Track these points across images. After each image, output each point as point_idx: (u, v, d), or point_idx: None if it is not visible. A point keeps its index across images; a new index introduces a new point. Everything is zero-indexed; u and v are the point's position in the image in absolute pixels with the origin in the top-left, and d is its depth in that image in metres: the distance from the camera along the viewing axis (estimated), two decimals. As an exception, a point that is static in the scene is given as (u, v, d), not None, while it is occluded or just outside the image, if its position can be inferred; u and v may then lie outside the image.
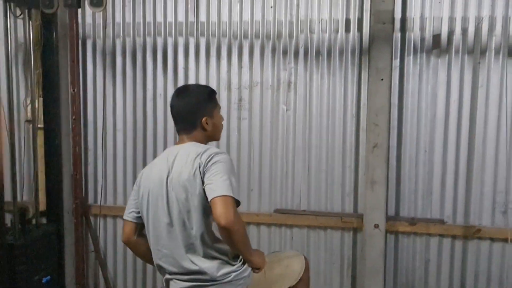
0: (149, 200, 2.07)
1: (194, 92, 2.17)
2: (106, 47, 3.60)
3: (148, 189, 2.08)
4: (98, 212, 3.61)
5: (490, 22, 3.11)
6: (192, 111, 2.09)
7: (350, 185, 3.38)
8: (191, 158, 1.97)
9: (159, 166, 2.09)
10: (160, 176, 2.04)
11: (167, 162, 2.05)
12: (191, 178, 1.95)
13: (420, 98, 3.24)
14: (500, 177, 3.16)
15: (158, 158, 2.18)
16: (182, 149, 2.06)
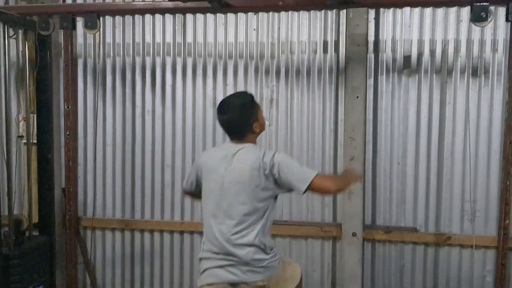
0: (205, 185, 2.33)
1: (238, 106, 2.32)
2: (96, 66, 3.78)
3: (206, 176, 2.33)
4: (87, 224, 3.76)
5: (455, 45, 3.39)
6: (241, 124, 2.30)
7: (329, 196, 3.58)
8: (250, 159, 2.21)
9: (217, 157, 2.32)
10: (218, 168, 2.27)
11: (226, 158, 2.27)
12: (248, 178, 2.19)
13: (393, 114, 3.49)
14: (467, 187, 3.40)
15: (216, 151, 2.52)
16: (241, 149, 2.28)
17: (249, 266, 2.22)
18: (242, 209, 2.21)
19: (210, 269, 2.28)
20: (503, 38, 3.29)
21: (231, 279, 2.22)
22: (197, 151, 3.71)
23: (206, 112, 3.69)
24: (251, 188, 2.21)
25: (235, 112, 2.31)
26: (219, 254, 2.24)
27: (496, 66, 3.32)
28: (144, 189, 3.80)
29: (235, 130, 2.33)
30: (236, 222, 2.22)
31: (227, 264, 2.23)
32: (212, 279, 2.25)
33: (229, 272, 2.22)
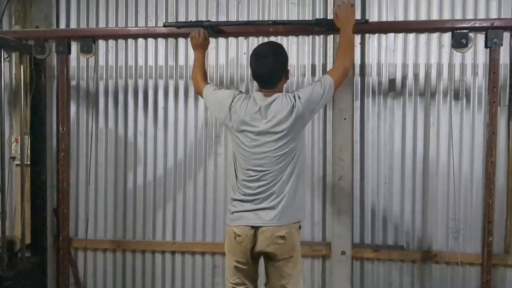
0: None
1: (278, 52, 2.48)
2: (89, 88, 3.85)
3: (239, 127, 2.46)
4: (78, 245, 3.78)
5: (438, 69, 3.54)
6: (279, 70, 2.46)
7: (319, 215, 3.68)
8: (285, 111, 2.39)
9: (251, 111, 2.42)
10: (252, 122, 2.42)
11: (260, 112, 2.41)
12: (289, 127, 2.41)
13: (379, 135, 3.61)
14: (452, 205, 3.52)
15: (246, 102, 2.46)
16: (274, 101, 2.42)
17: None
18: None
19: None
20: (483, 62, 3.45)
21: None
22: (188, 172, 3.78)
23: (198, 133, 3.76)
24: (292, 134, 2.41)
25: (276, 57, 2.45)
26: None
27: (477, 89, 3.48)
28: (136, 209, 3.84)
29: (273, 76, 2.46)
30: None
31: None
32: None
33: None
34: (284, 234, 2.42)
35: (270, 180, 2.42)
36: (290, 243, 2.45)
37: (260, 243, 2.44)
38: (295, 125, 2.41)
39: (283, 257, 2.46)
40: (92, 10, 3.85)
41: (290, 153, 2.44)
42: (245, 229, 2.44)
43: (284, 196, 2.43)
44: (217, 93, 2.59)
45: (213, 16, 3.72)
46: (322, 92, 2.45)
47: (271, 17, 3.67)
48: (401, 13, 3.56)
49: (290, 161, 2.44)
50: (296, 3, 3.66)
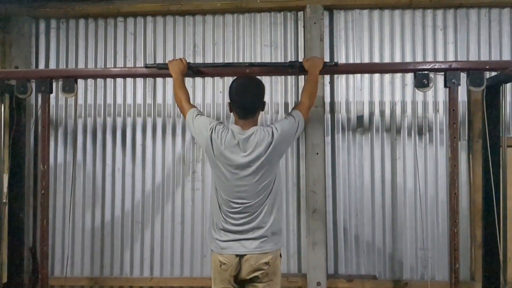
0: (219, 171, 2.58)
1: (260, 86, 2.62)
2: (68, 127, 3.91)
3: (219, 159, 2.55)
4: (54, 283, 3.74)
5: (402, 106, 3.77)
6: (259, 102, 2.61)
7: (294, 247, 3.78)
8: (265, 143, 2.52)
9: (230, 144, 2.51)
10: (231, 156, 2.52)
11: (239, 145, 2.51)
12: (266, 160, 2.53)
13: (349, 169, 3.79)
14: (420, 235, 3.70)
15: (225, 135, 2.54)
16: (252, 135, 2.53)
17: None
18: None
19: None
20: (443, 100, 3.72)
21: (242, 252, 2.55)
22: (165, 208, 3.84)
23: (175, 169, 3.86)
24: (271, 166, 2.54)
25: (257, 87, 2.60)
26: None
27: (439, 125, 3.73)
28: (113, 246, 3.86)
29: (254, 105, 2.57)
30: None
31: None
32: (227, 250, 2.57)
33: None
34: (268, 260, 2.54)
35: (253, 211, 2.53)
36: (272, 268, 2.57)
37: (245, 270, 2.53)
38: (273, 158, 2.54)
39: (263, 280, 2.56)
40: (71, 50, 3.96)
41: (269, 184, 2.56)
42: (230, 258, 2.53)
43: (267, 226, 2.55)
44: (198, 120, 2.65)
45: (190, 57, 3.88)
46: (297, 125, 2.61)
47: (246, 58, 3.86)
48: (367, 55, 3.81)
49: (270, 192, 2.56)
50: (269, 45, 3.87)
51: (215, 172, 2.60)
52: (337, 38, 3.83)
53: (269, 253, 2.55)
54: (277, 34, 3.86)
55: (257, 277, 2.55)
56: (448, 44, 3.78)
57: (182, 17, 3.92)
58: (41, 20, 3.99)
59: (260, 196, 2.53)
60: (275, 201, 2.59)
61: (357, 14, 3.83)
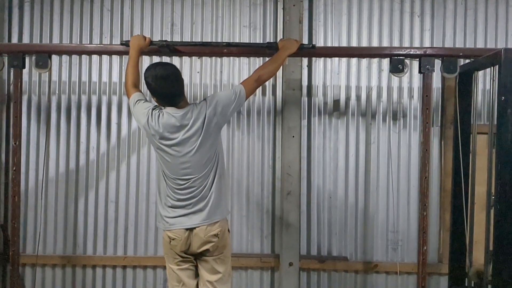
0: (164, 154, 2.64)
1: (175, 75, 2.59)
2: (41, 103, 3.85)
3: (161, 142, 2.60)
4: (26, 261, 3.71)
5: (378, 91, 3.82)
6: (180, 90, 2.62)
7: (268, 228, 3.83)
8: (200, 118, 2.58)
9: (169, 124, 2.55)
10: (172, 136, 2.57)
11: (178, 126, 2.56)
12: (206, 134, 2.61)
13: (324, 152, 3.83)
14: (391, 219, 3.78)
15: (162, 118, 2.58)
16: (187, 112, 2.58)
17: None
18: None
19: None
20: (418, 86, 3.77)
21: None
22: (141, 187, 3.83)
23: (151, 149, 3.83)
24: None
25: (175, 81, 2.57)
26: None
27: (413, 110, 3.79)
28: (87, 224, 3.84)
29: (178, 96, 2.59)
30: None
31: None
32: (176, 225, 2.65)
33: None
34: (217, 232, 2.64)
35: (198, 185, 2.61)
36: (221, 241, 2.66)
37: (195, 243, 2.62)
38: (212, 130, 2.60)
39: (214, 253, 2.66)
40: (46, 25, 3.87)
41: (211, 158, 2.63)
42: (179, 232, 2.61)
43: (211, 198, 2.64)
44: (137, 107, 2.69)
45: (168, 35, 3.83)
46: (234, 96, 2.66)
47: (224, 39, 3.84)
48: (345, 39, 3.83)
49: (213, 165, 2.65)
50: (248, 26, 3.85)
51: (159, 154, 2.66)
52: (316, 22, 3.84)
53: (216, 224, 2.64)
54: (256, 16, 3.85)
55: (207, 250, 2.63)
56: (424, 31, 3.82)
57: (160, -5, 3.88)
58: (15, -7, 3.89)
59: (206, 170, 2.62)
60: (219, 172, 2.68)
61: (336, -2, 3.84)
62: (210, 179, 2.63)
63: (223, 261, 2.71)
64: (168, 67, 2.63)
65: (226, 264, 2.73)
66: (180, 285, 2.69)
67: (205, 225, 2.61)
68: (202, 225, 2.60)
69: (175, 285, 2.71)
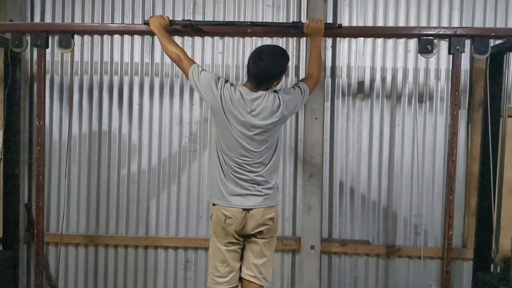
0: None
1: (276, 57, 2.54)
2: (64, 83, 3.86)
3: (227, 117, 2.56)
4: (49, 240, 3.76)
5: (403, 73, 3.73)
6: (278, 74, 2.57)
7: (289, 211, 3.81)
8: (271, 110, 2.57)
9: (237, 102, 2.53)
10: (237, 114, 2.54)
11: (246, 104, 2.54)
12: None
13: (347, 135, 3.78)
14: (415, 203, 3.73)
15: (233, 93, 2.55)
16: (260, 98, 2.55)
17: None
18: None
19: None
20: (445, 67, 3.67)
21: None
22: (162, 169, 3.83)
23: (172, 130, 3.82)
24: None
25: (276, 60, 2.53)
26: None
27: (439, 92, 3.70)
28: (109, 204, 3.86)
29: (266, 80, 2.54)
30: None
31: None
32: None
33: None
34: (272, 216, 2.63)
35: (256, 170, 2.58)
36: (275, 225, 2.66)
37: (250, 224, 2.59)
38: (278, 123, 2.57)
39: (266, 236, 2.64)
40: (67, 5, 3.85)
41: (271, 146, 2.60)
42: (236, 212, 2.58)
43: (269, 183, 2.62)
44: (204, 75, 2.60)
45: (190, 15, 3.78)
46: (302, 97, 2.64)
47: (247, 18, 3.77)
48: (371, 19, 3.74)
49: (273, 153, 2.62)
50: (271, 5, 3.78)
51: (220, 128, 2.59)
52: (341, 0, 3.75)
53: (272, 208, 2.64)
54: (280, -6, 3.78)
55: (260, 232, 2.61)
56: (453, 10, 3.70)
57: (182, -27, 3.82)
58: (37, -29, 3.87)
59: (264, 156, 2.58)
60: (276, 160, 2.65)
61: (362, -24, 3.74)
62: (268, 166, 2.61)
63: (271, 246, 2.71)
64: (274, 48, 2.64)
65: (272, 249, 2.72)
66: (224, 266, 2.65)
67: (263, 207, 2.60)
68: (259, 207, 2.59)
69: (219, 265, 2.66)
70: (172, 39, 2.77)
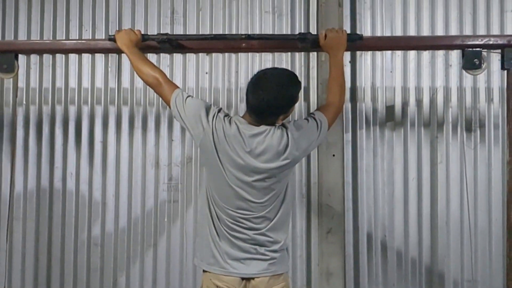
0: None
1: (284, 83, 2.48)
2: (4, 117, 3.89)
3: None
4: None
5: (445, 93, 3.79)
6: (284, 106, 2.51)
7: (302, 278, 3.79)
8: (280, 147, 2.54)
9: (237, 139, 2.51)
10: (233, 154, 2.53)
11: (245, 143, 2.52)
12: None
13: (375, 176, 3.80)
14: (467, 264, 3.72)
15: (230, 127, 2.53)
16: (261, 134, 2.53)
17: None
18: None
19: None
20: (498, 86, 3.74)
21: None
22: (133, 226, 3.84)
23: (146, 175, 3.84)
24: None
25: (284, 87, 2.46)
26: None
27: (493, 118, 3.76)
28: (64, 275, 3.84)
29: (273, 114, 2.50)
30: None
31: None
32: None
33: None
34: (281, 287, 2.59)
35: (256, 225, 2.55)
36: None
37: None
38: (286, 167, 2.54)
39: None
40: (9, 15, 3.94)
41: (277, 195, 2.57)
42: (233, 282, 2.54)
43: (275, 243, 2.58)
44: (191, 103, 2.58)
45: (167, 26, 3.88)
46: (318, 132, 2.61)
47: (240, 29, 3.86)
48: (400, 27, 3.83)
49: (280, 205, 2.59)
50: (271, 12, 3.87)
51: (211, 172, 2.59)
52: (361, 3, 3.85)
53: (281, 277, 2.60)
54: (282, -3, 3.88)
55: None
56: (505, 12, 3.80)
57: (156, -26, 3.93)
58: (-30, -25, 3.98)
59: (267, 209, 2.56)
60: (288, 215, 2.65)
61: (387, -29, 3.86)
62: (274, 221, 2.59)
63: None
64: (282, 72, 2.61)
65: None
66: None
67: (268, 276, 2.56)
68: (264, 276, 2.56)
69: None
70: (146, 58, 2.80)
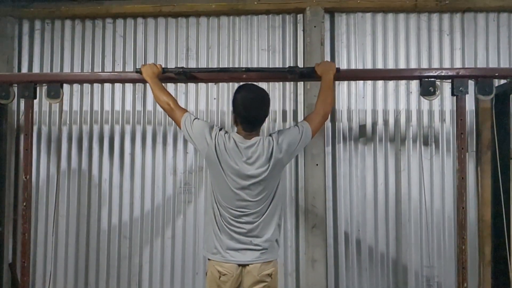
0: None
1: (268, 100, 2.62)
2: (52, 134, 3.91)
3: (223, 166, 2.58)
4: (35, 302, 3.72)
5: (406, 115, 3.80)
6: (264, 117, 2.62)
7: (292, 264, 3.77)
8: (265, 157, 2.57)
9: (232, 151, 2.55)
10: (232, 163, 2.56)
11: (241, 154, 2.56)
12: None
13: (351, 181, 3.80)
14: (425, 253, 3.70)
15: (228, 143, 2.57)
16: (253, 145, 2.57)
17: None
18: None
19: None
20: (450, 109, 3.75)
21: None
22: (156, 222, 3.83)
23: (166, 180, 3.85)
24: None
25: (265, 103, 2.59)
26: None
27: (445, 135, 3.76)
28: (99, 262, 3.83)
29: (260, 121, 2.60)
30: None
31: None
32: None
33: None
34: (271, 272, 2.58)
35: (253, 220, 2.55)
36: (274, 282, 2.60)
37: (247, 282, 2.55)
38: (275, 169, 2.56)
39: None
40: (56, 53, 3.97)
41: (269, 194, 2.58)
42: (232, 268, 2.54)
43: (268, 235, 2.58)
44: (197, 124, 2.62)
45: (183, 61, 3.89)
46: (300, 135, 2.60)
47: (242, 63, 3.88)
48: (370, 61, 3.84)
49: (270, 202, 2.59)
50: (266, 49, 3.89)
51: (215, 178, 2.60)
52: (339, 43, 3.86)
53: (271, 263, 2.59)
54: (275, 38, 3.89)
55: None
56: (455, 50, 3.81)
57: (174, 19, 3.94)
58: (25, 20, 4.00)
59: (260, 206, 2.57)
60: (276, 211, 2.63)
61: (359, 17, 3.86)
62: (267, 217, 2.58)
63: None
64: (260, 92, 2.63)
65: None
66: None
67: (260, 262, 2.56)
68: (256, 263, 2.56)
69: None
70: (164, 88, 2.82)
